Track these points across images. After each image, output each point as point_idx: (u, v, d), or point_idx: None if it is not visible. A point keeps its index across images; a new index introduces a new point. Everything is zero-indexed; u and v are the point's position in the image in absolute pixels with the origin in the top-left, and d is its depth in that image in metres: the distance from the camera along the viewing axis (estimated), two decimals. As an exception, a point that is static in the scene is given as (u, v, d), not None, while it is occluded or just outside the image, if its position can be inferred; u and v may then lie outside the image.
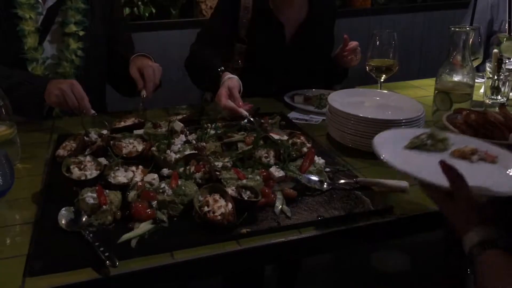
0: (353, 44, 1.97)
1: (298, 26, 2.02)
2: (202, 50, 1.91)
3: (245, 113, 1.59)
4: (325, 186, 1.20)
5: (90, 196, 1.06)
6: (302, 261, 2.51)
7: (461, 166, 0.91)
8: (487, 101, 1.87)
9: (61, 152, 1.35)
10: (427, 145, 1.11)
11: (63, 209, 1.06)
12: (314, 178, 1.21)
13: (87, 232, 0.99)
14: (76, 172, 1.19)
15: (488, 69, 1.88)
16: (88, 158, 1.25)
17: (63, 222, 1.03)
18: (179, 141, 1.37)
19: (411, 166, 0.97)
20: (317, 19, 2.04)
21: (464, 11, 2.64)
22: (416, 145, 1.11)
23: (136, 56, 1.80)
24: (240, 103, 1.61)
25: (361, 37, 2.03)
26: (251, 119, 1.57)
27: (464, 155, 1.08)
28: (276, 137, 1.38)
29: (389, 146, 1.08)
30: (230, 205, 1.05)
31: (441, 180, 0.89)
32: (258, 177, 1.18)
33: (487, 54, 2.24)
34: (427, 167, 0.96)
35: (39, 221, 1.07)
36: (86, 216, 1.04)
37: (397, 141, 1.12)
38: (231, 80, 1.66)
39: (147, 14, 3.33)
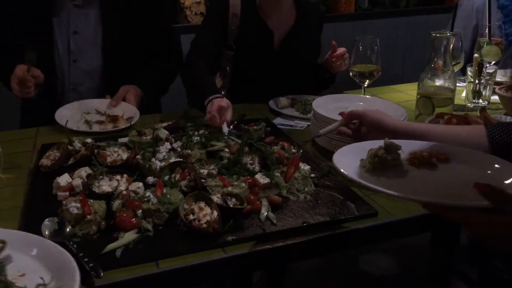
0: (341, 50, 1.99)
1: (286, 32, 2.04)
2: (196, 65, 1.87)
3: (226, 129, 1.51)
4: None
5: (74, 206, 1.05)
6: (290, 264, 2.51)
7: (424, 175, 0.88)
8: (469, 105, 1.91)
9: (44, 161, 1.34)
10: (387, 161, 0.95)
11: (47, 219, 1.04)
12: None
13: (71, 243, 0.98)
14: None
15: (469, 73, 1.92)
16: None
17: (46, 232, 1.02)
18: (164, 148, 1.36)
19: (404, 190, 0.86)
20: (304, 25, 2.06)
21: (447, 15, 2.67)
22: (376, 165, 0.95)
23: None
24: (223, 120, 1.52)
25: (345, 42, 2.04)
26: (233, 130, 1.53)
27: (424, 160, 0.96)
28: None
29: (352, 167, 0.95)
30: (215, 213, 1.04)
31: (460, 197, 0.79)
32: (243, 184, 1.18)
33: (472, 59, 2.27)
34: (417, 186, 0.87)
35: (22, 232, 1.05)
36: (70, 227, 1.03)
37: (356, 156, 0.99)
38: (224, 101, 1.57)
39: (131, 21, 3.32)
